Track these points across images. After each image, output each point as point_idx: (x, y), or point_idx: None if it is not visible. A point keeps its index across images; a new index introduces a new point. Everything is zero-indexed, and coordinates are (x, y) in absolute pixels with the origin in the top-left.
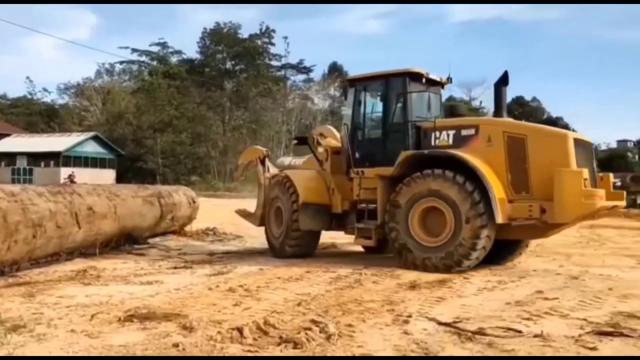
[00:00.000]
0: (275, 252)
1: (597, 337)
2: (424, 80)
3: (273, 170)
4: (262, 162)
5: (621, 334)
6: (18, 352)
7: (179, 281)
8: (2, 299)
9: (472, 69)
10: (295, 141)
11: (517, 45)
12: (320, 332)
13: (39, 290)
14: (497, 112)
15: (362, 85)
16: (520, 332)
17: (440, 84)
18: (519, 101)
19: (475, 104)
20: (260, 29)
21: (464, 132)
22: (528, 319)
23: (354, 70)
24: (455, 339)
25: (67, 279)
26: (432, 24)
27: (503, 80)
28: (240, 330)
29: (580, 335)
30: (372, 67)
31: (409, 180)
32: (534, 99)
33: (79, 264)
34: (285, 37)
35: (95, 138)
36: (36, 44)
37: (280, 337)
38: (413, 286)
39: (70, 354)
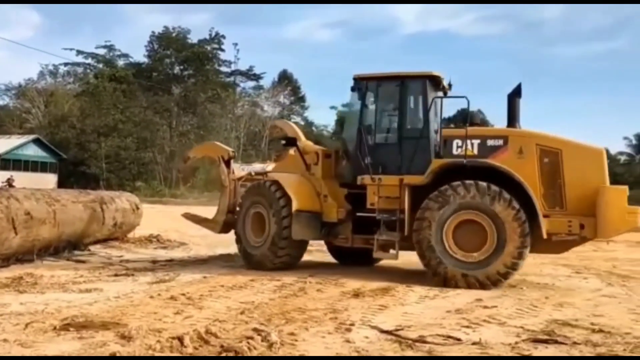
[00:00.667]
0: (253, 262)
1: (533, 344)
2: (440, 85)
3: (238, 172)
4: (227, 163)
5: (556, 342)
6: None
7: (120, 289)
8: None
9: None
10: (283, 142)
11: (462, 58)
12: (262, 340)
13: None
14: (511, 124)
15: (374, 85)
16: (459, 339)
17: (444, 90)
18: (464, 113)
19: None
20: (210, 35)
21: (490, 142)
22: (467, 326)
23: (304, 78)
24: (396, 347)
25: (1, 286)
26: (381, 35)
27: (517, 92)
28: (180, 339)
29: (516, 343)
30: (322, 75)
31: (447, 191)
32: (480, 111)
33: (14, 270)
34: (235, 44)
35: (37, 141)
36: None
37: (222, 346)
38: (357, 294)
39: None
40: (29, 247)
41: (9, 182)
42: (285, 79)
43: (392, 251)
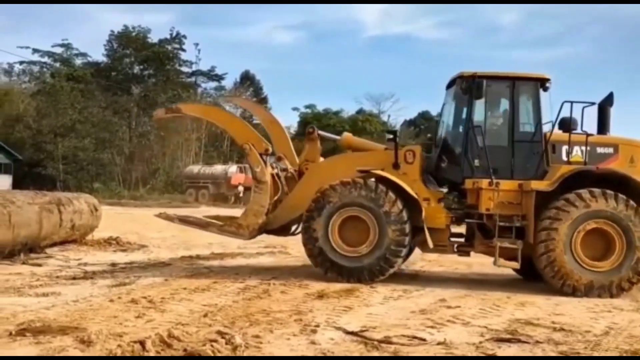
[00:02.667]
0: (350, 274)
1: (497, 343)
2: (547, 89)
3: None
4: (262, 156)
5: (519, 341)
6: None
7: (78, 293)
8: None
9: (381, 83)
10: (389, 135)
11: (422, 61)
12: (226, 343)
13: None
14: (601, 131)
15: (485, 84)
16: (424, 340)
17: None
18: (424, 116)
19: (384, 117)
20: (171, 34)
21: (600, 150)
22: (432, 327)
23: (266, 80)
24: (362, 348)
25: None
26: (343, 37)
27: (608, 100)
28: (142, 343)
29: (481, 342)
30: (286, 77)
31: (576, 198)
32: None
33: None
34: (197, 44)
35: None
36: None
37: (185, 350)
38: (321, 296)
39: None
40: None
41: None
42: (247, 80)
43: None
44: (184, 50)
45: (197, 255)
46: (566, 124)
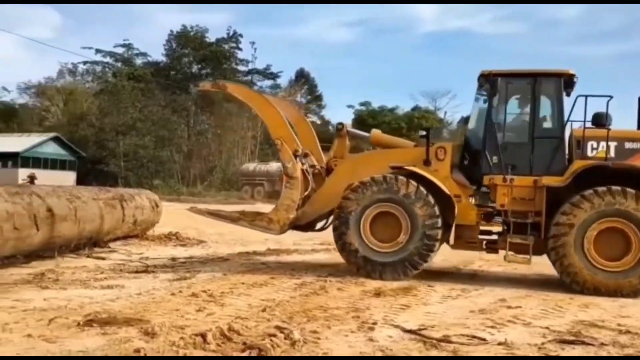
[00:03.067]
0: (383, 271)
1: (560, 345)
2: (573, 84)
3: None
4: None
5: (583, 343)
6: None
7: (141, 286)
8: None
9: (438, 79)
10: (423, 132)
11: (481, 57)
12: (285, 338)
13: None
14: None
15: (504, 82)
16: (484, 340)
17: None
18: None
19: (440, 114)
20: (228, 34)
21: (628, 145)
22: (492, 327)
23: (321, 77)
24: (421, 347)
25: (24, 282)
26: (399, 34)
27: None
28: (203, 336)
29: (543, 344)
30: (339, 74)
31: (592, 195)
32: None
33: (36, 267)
34: (253, 43)
35: (56, 139)
36: None
37: (244, 344)
38: (378, 294)
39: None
40: (50, 243)
41: (31, 179)
42: (302, 78)
43: (524, 255)
44: (240, 49)
45: (253, 251)
46: (598, 119)
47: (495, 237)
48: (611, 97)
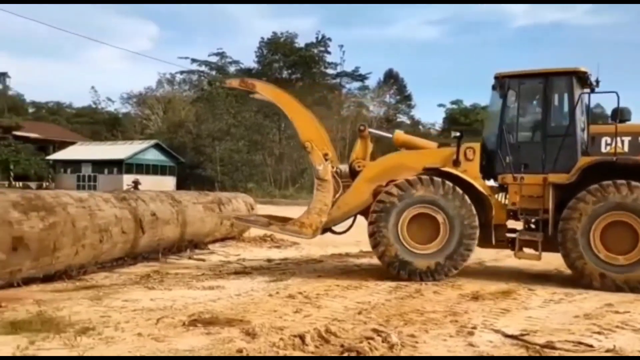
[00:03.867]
0: (418, 272)
1: None
2: (587, 81)
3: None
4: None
5: None
6: (88, 354)
7: (240, 287)
8: (71, 302)
9: None
10: (457, 133)
11: (579, 50)
12: (382, 341)
13: (105, 294)
14: None
15: (517, 82)
16: (591, 346)
17: (591, 87)
18: None
19: None
20: (317, 38)
21: None
22: (599, 332)
23: (410, 77)
24: (523, 352)
25: (132, 283)
26: (490, 29)
27: None
28: (302, 337)
29: None
30: (429, 73)
31: (597, 190)
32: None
33: (142, 268)
34: (341, 46)
35: (157, 146)
36: (101, 55)
37: (342, 346)
38: (476, 297)
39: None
40: (155, 246)
41: (135, 185)
42: (391, 78)
43: (533, 251)
44: (329, 52)
45: (346, 253)
46: (615, 115)
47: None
48: (616, 92)
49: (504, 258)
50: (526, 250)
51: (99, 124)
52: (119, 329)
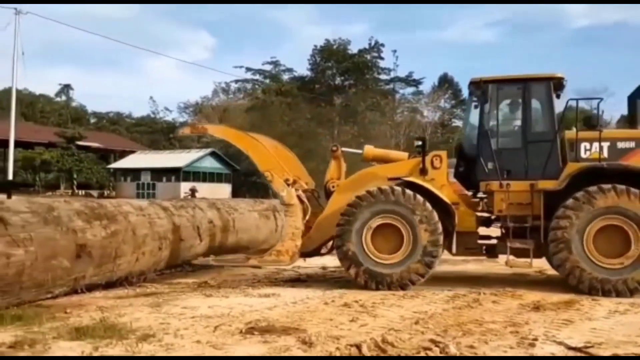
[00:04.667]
0: (385, 282)
1: None
2: (563, 87)
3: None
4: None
5: None
6: None
7: (295, 294)
8: (132, 308)
9: (593, 76)
10: (419, 142)
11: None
12: (440, 352)
13: (164, 300)
14: (633, 125)
15: (495, 88)
16: None
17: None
18: None
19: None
20: (369, 44)
21: (621, 145)
22: None
23: (466, 81)
24: None
25: (190, 290)
26: (547, 30)
27: (638, 94)
28: (358, 347)
29: None
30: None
31: (586, 196)
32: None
33: (200, 275)
34: (394, 51)
35: (213, 154)
36: (158, 66)
37: (399, 356)
38: (537, 307)
39: None
40: (212, 253)
41: (192, 192)
42: (446, 83)
43: (525, 260)
44: (382, 58)
45: None
46: (592, 121)
47: (494, 242)
48: (601, 99)
49: None
50: (518, 258)
51: (157, 133)
52: (178, 336)
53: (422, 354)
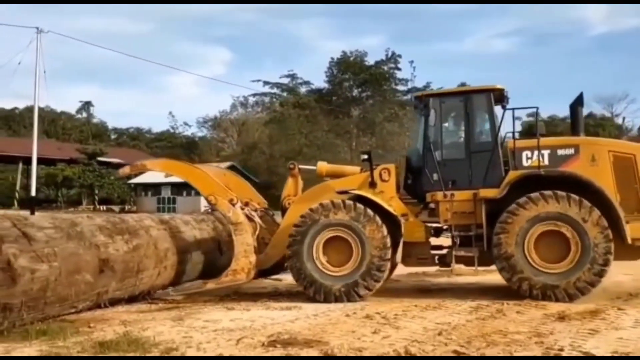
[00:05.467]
0: (334, 295)
1: None
2: (504, 98)
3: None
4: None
5: None
6: None
7: (316, 307)
8: (155, 322)
9: (613, 83)
10: (365, 156)
11: None
12: None
13: (187, 314)
14: (575, 132)
15: (438, 101)
16: None
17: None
18: None
19: (618, 120)
20: (386, 55)
21: (561, 152)
22: None
23: None
24: None
25: (212, 303)
26: (564, 39)
27: (579, 102)
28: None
29: None
30: (505, 85)
31: (528, 202)
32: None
33: (221, 289)
34: (411, 61)
35: (232, 168)
36: (177, 82)
37: (400, 356)
38: (562, 317)
39: None
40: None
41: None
42: None
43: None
44: (399, 69)
45: (423, 272)
46: (531, 130)
47: (445, 251)
48: (537, 107)
49: None
50: (463, 266)
51: (176, 147)
52: (201, 349)
53: None
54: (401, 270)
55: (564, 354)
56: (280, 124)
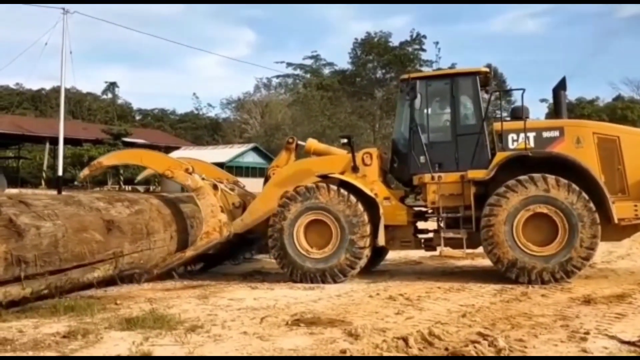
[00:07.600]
0: (315, 276)
1: None
2: (489, 81)
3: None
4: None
5: None
6: (197, 352)
7: (340, 287)
8: (180, 300)
9: None
10: (344, 140)
11: None
12: (489, 345)
13: (211, 292)
14: (558, 115)
15: (424, 84)
16: None
17: (486, 86)
18: None
19: None
20: (411, 36)
21: (546, 134)
22: None
23: (510, 72)
24: None
25: (236, 282)
26: (593, 20)
27: (562, 86)
28: (405, 339)
29: None
30: (530, 68)
31: (517, 184)
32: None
33: (245, 267)
34: (437, 43)
35: (255, 149)
36: (201, 63)
37: (447, 349)
38: (587, 301)
39: (245, 355)
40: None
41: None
42: None
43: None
44: (424, 50)
45: (446, 255)
46: (516, 112)
47: (431, 235)
48: (524, 90)
49: (617, 260)
50: (450, 249)
51: (200, 129)
52: (226, 327)
53: (470, 347)
54: (422, 253)
55: (590, 337)
56: (303, 105)
